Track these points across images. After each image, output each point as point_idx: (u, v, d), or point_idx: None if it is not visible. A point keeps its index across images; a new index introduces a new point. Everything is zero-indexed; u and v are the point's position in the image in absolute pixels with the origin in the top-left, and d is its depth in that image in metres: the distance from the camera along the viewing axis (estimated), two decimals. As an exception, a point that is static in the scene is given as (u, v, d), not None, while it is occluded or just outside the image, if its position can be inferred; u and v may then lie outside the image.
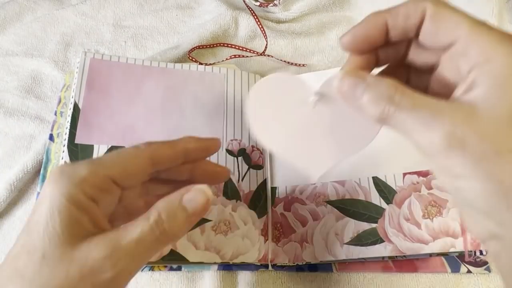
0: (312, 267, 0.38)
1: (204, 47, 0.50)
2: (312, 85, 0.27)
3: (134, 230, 0.22)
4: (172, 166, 0.27)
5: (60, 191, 0.22)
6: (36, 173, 0.42)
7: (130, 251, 0.22)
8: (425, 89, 0.25)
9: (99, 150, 0.37)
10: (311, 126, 0.27)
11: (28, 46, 0.51)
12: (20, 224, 0.40)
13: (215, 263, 0.36)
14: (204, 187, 0.24)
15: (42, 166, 0.40)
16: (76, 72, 0.39)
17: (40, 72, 0.49)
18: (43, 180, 0.39)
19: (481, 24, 0.21)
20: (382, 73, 0.26)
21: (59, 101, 0.43)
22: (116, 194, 0.25)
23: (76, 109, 0.38)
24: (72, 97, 0.38)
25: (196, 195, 0.24)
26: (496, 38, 0.20)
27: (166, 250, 0.35)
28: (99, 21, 0.54)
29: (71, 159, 0.36)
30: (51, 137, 0.41)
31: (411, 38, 0.23)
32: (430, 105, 0.20)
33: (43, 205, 0.22)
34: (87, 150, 0.37)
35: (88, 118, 0.38)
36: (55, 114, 0.42)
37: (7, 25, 0.53)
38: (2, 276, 0.21)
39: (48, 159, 0.40)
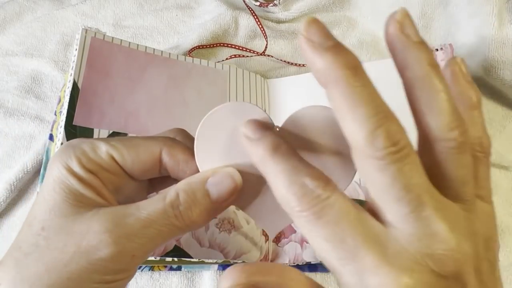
0: (312, 267, 0.38)
1: (204, 47, 0.50)
2: (265, 116, 0.21)
3: (145, 208, 0.20)
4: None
5: (61, 162, 0.21)
6: (36, 173, 0.42)
7: (135, 230, 0.19)
8: None
9: (100, 135, 0.35)
10: None
11: (28, 46, 0.51)
12: (20, 224, 0.40)
13: (216, 262, 0.36)
14: (232, 171, 0.21)
15: (42, 166, 0.40)
16: (76, 50, 0.36)
17: (40, 72, 0.49)
18: (42, 180, 0.39)
19: None
20: None
21: (59, 101, 0.43)
22: (123, 178, 0.22)
23: (75, 88, 0.35)
24: (71, 75, 0.36)
25: (222, 179, 0.21)
26: None
27: (170, 246, 0.34)
28: (99, 21, 0.54)
29: (68, 141, 0.34)
30: (51, 137, 0.41)
31: None
32: None
33: (48, 176, 0.21)
34: (86, 133, 0.35)
35: (88, 99, 0.35)
36: (55, 114, 0.42)
37: (7, 25, 0.53)
38: (9, 249, 0.20)
39: (48, 159, 0.39)
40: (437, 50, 0.40)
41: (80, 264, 0.19)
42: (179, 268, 0.38)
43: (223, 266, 0.37)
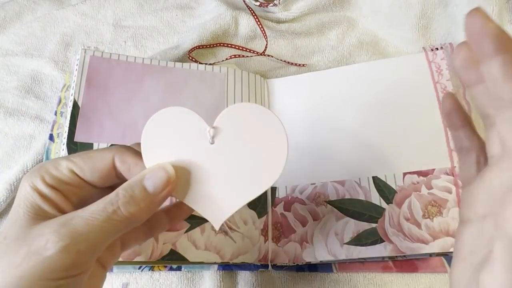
0: (312, 267, 0.38)
1: (204, 47, 0.50)
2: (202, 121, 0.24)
3: (89, 208, 0.22)
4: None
5: (28, 181, 0.23)
6: (36, 173, 0.42)
7: (79, 228, 0.21)
8: None
9: (99, 148, 0.37)
10: (209, 165, 0.24)
11: (28, 46, 0.51)
12: (20, 224, 0.40)
13: (215, 263, 0.36)
14: (164, 164, 0.23)
15: (42, 166, 0.40)
16: (76, 70, 0.39)
17: (40, 72, 0.49)
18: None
19: None
20: None
21: (59, 101, 0.43)
22: (85, 188, 0.25)
23: (75, 107, 0.37)
24: (72, 95, 0.38)
25: (156, 172, 0.23)
26: None
27: (166, 250, 0.35)
28: (99, 21, 0.54)
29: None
30: (51, 137, 0.41)
31: None
32: None
33: (17, 195, 0.24)
34: (87, 148, 0.36)
35: (87, 116, 0.38)
36: (55, 114, 0.42)
37: (7, 25, 0.53)
38: None
39: (48, 159, 0.40)
40: (437, 49, 0.40)
41: (30, 264, 0.20)
42: (179, 268, 0.38)
43: (223, 266, 0.37)
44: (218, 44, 0.51)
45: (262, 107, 0.23)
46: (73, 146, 0.36)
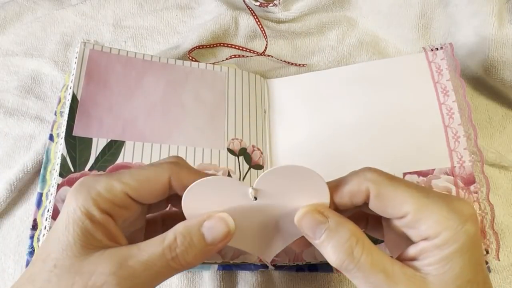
0: (312, 267, 0.38)
1: (204, 47, 0.50)
2: (241, 184, 0.25)
3: (146, 250, 0.22)
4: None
5: (77, 203, 0.22)
6: (36, 173, 0.42)
7: (137, 272, 0.21)
8: (381, 230, 0.27)
9: (98, 144, 0.36)
10: (253, 217, 0.25)
11: (28, 46, 0.51)
12: (20, 224, 0.40)
13: (215, 263, 0.36)
14: (226, 216, 0.23)
15: (42, 166, 0.40)
16: (75, 63, 0.38)
17: (40, 72, 0.49)
18: (43, 180, 0.39)
19: (428, 199, 0.22)
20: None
21: (59, 101, 0.43)
22: (134, 210, 0.24)
23: (74, 100, 0.37)
24: (70, 88, 0.37)
25: (216, 223, 0.23)
26: (444, 214, 0.21)
27: None
28: (99, 21, 0.54)
29: (68, 152, 0.35)
30: (51, 137, 0.41)
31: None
32: (386, 269, 0.21)
33: (63, 214, 0.23)
34: (86, 143, 0.36)
35: (86, 110, 0.37)
36: (55, 114, 0.42)
37: (7, 25, 0.53)
38: (21, 278, 0.22)
39: (48, 159, 0.39)
40: (437, 49, 0.40)
41: None
42: (179, 268, 0.38)
43: (223, 266, 0.37)
44: (218, 44, 0.51)
45: (295, 165, 0.24)
46: (72, 141, 0.35)
